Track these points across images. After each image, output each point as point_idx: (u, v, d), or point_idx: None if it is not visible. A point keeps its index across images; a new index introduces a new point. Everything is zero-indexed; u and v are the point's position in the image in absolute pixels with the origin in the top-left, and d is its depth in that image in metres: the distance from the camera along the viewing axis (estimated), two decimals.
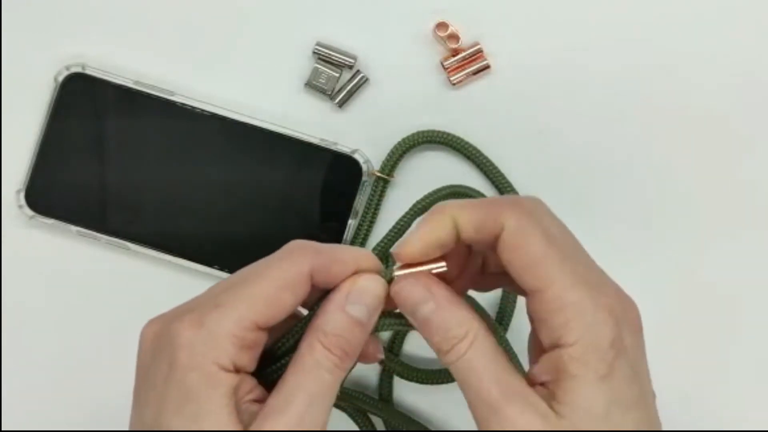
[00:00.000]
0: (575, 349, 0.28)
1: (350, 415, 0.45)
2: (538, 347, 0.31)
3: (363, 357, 0.33)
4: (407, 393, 0.45)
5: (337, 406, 0.44)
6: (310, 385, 0.30)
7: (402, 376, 0.44)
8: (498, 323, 0.44)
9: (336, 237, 0.44)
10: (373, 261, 0.33)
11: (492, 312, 0.44)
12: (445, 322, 0.30)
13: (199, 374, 0.29)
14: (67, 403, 0.46)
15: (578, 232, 0.44)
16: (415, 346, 0.45)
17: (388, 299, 0.32)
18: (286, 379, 0.30)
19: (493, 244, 0.31)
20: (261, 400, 0.30)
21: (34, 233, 0.45)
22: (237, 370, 0.30)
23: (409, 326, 0.32)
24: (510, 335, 0.44)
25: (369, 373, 0.46)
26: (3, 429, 0.46)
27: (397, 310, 0.32)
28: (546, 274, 0.29)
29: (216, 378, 0.29)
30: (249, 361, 0.30)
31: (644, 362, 0.30)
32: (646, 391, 0.30)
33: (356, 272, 0.32)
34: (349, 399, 0.44)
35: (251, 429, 0.29)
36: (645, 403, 0.30)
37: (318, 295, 0.32)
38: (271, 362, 0.32)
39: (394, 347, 0.45)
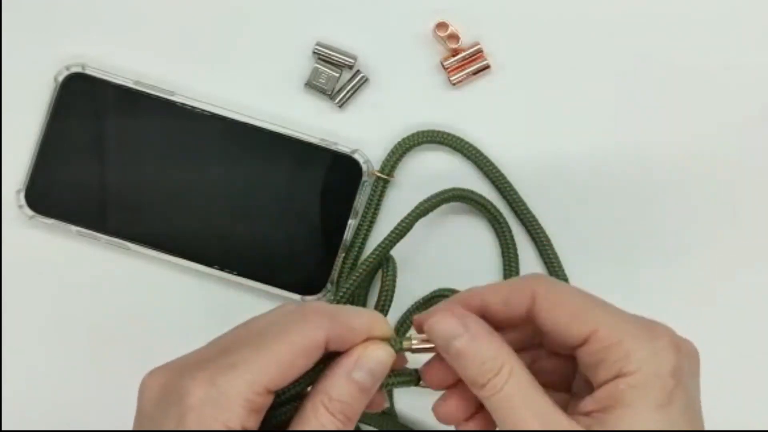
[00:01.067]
0: (636, 377, 0.29)
1: None
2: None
3: (368, 406, 0.33)
4: (405, 405, 0.45)
5: None
6: None
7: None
8: None
9: (336, 237, 0.44)
10: (384, 329, 0.33)
11: None
12: (480, 355, 0.31)
13: None
14: (67, 403, 0.46)
15: (578, 231, 0.45)
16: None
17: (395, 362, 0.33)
18: None
19: (522, 317, 0.32)
20: None
21: (34, 233, 0.45)
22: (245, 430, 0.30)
23: (414, 383, 0.33)
24: None
25: None
26: (3, 429, 0.46)
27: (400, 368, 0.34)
28: (594, 317, 0.30)
29: None
30: (256, 422, 0.30)
31: (699, 397, 0.31)
32: (698, 424, 0.30)
33: (368, 338, 0.32)
34: None
35: None
36: None
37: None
38: (277, 405, 0.32)
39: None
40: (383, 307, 0.39)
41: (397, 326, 0.45)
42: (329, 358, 0.32)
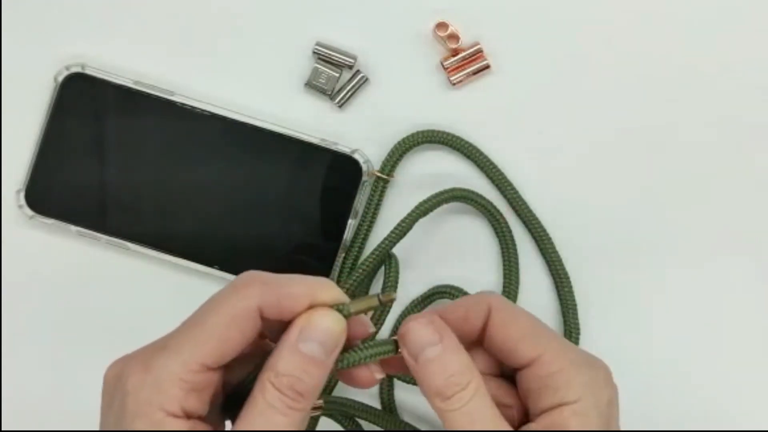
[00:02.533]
0: (579, 405, 0.30)
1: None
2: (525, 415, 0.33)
3: (357, 382, 0.33)
4: (409, 397, 0.45)
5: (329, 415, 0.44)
6: (261, 428, 0.29)
7: (403, 380, 0.43)
8: None
9: (336, 237, 0.44)
10: (331, 293, 0.31)
11: None
12: (450, 367, 0.31)
13: (146, 422, 0.28)
14: (67, 403, 0.46)
15: (578, 231, 0.45)
16: None
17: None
18: (239, 421, 0.29)
19: (477, 333, 0.33)
20: None
21: (34, 233, 0.45)
22: (188, 416, 0.29)
23: (393, 352, 0.32)
24: None
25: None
26: (3, 429, 0.46)
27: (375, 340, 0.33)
28: (540, 342, 0.32)
29: (163, 424, 0.28)
30: (200, 403, 0.30)
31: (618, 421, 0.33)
32: None
33: (312, 306, 0.30)
34: (341, 407, 0.43)
35: None
36: None
37: (283, 326, 0.31)
38: (243, 397, 0.31)
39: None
40: (385, 306, 0.39)
41: (395, 325, 0.45)
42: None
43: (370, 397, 0.45)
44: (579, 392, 0.31)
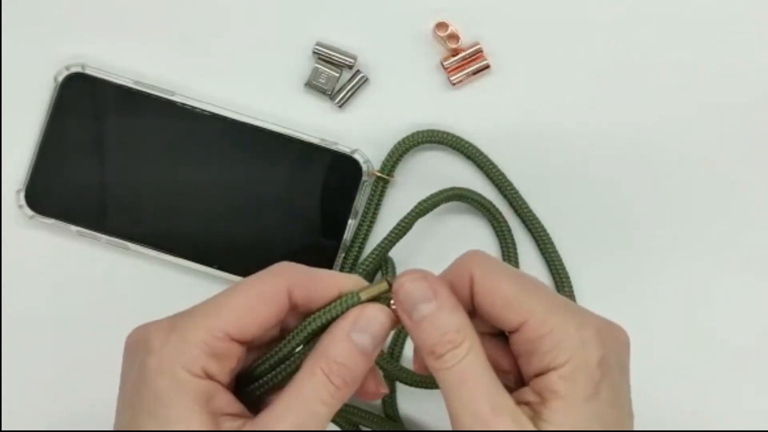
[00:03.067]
0: (565, 369, 0.29)
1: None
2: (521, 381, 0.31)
3: (365, 394, 0.33)
4: (411, 402, 0.45)
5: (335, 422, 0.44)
6: (300, 414, 0.29)
7: (405, 382, 0.43)
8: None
9: (336, 237, 0.44)
10: (358, 285, 0.32)
11: None
12: (445, 325, 0.30)
13: (168, 379, 0.29)
14: (67, 403, 0.46)
15: (576, 231, 0.45)
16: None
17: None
18: (278, 403, 0.30)
19: (468, 300, 0.32)
20: (241, 416, 0.30)
21: (34, 233, 0.45)
22: (209, 377, 0.30)
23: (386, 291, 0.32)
24: None
25: None
26: (3, 429, 0.46)
27: None
28: (526, 306, 0.30)
29: (185, 383, 0.29)
30: (221, 371, 0.30)
31: (627, 384, 0.31)
32: (626, 413, 0.31)
33: (339, 296, 0.31)
34: (345, 414, 0.43)
35: None
36: (623, 424, 0.30)
37: (298, 322, 0.32)
38: (250, 382, 0.32)
39: (394, 352, 0.45)
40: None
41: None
42: (317, 334, 0.31)
43: (372, 407, 0.45)
44: (567, 355, 0.29)
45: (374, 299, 0.32)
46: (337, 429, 0.45)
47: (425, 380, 0.43)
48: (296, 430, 0.29)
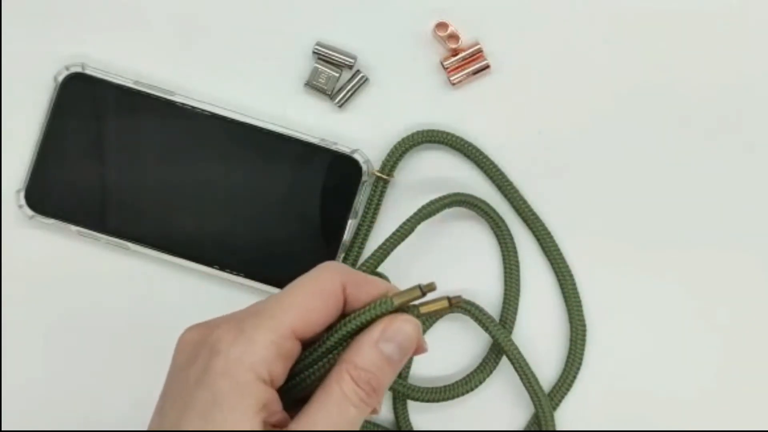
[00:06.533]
0: None
1: None
2: None
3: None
4: (422, 417, 0.45)
5: None
6: (334, 417, 0.30)
7: (416, 399, 0.43)
8: (502, 326, 0.44)
9: (336, 237, 0.44)
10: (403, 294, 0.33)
11: (495, 309, 0.44)
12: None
13: (232, 381, 0.29)
14: (67, 403, 0.46)
15: (575, 231, 0.45)
16: (421, 368, 0.45)
17: None
18: (311, 406, 0.30)
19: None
20: (282, 425, 0.30)
21: (34, 233, 0.45)
22: (271, 382, 0.30)
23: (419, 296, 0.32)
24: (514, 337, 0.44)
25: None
26: (3, 429, 0.46)
27: None
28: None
29: (249, 387, 0.29)
30: (283, 371, 0.30)
31: None
32: None
33: (385, 294, 0.32)
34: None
35: None
36: None
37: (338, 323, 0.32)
38: (289, 379, 0.32)
39: (402, 372, 0.44)
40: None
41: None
42: (352, 335, 0.32)
43: (385, 421, 0.45)
44: None
45: (405, 304, 0.32)
46: None
47: (435, 395, 0.43)
48: (331, 430, 0.30)
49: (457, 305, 0.32)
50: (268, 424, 0.30)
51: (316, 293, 0.31)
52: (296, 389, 0.32)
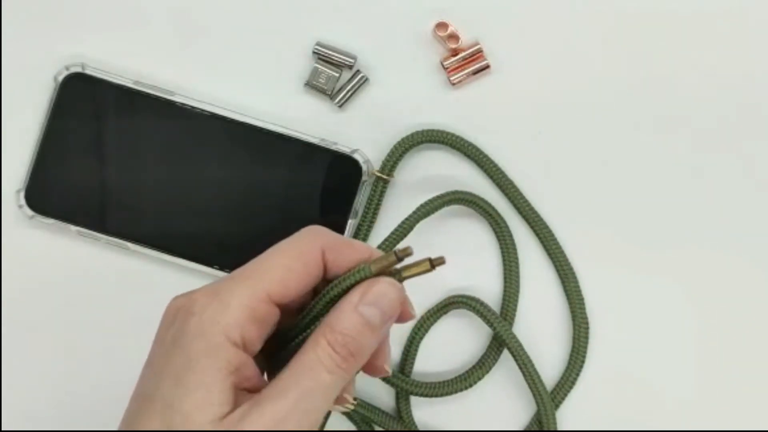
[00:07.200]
0: None
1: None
2: None
3: (371, 369, 0.33)
4: (424, 413, 0.45)
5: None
6: (305, 382, 0.29)
7: (419, 394, 0.43)
8: (503, 318, 0.44)
9: None
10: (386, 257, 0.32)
11: (495, 306, 0.44)
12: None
13: (205, 343, 0.29)
14: (67, 403, 0.46)
15: (575, 231, 0.45)
16: (425, 363, 0.45)
17: None
18: (284, 372, 0.30)
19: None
20: (257, 390, 0.30)
21: (34, 233, 0.45)
22: (244, 345, 0.29)
23: (429, 270, 0.32)
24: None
25: (385, 398, 0.46)
26: (3, 429, 0.46)
27: None
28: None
29: (220, 348, 0.29)
30: (257, 336, 0.30)
31: None
32: None
33: (368, 259, 0.32)
34: (363, 411, 0.44)
35: (235, 414, 0.28)
36: None
37: (322, 288, 0.32)
38: (280, 348, 0.32)
39: (405, 369, 0.45)
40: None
41: (410, 335, 0.45)
42: (334, 301, 0.31)
43: (386, 407, 0.45)
44: None
45: (383, 271, 0.32)
46: (354, 429, 0.45)
47: (438, 390, 0.43)
48: (300, 400, 0.29)
49: (439, 264, 0.31)
50: (241, 388, 0.29)
51: (294, 257, 0.31)
52: (287, 356, 0.32)
